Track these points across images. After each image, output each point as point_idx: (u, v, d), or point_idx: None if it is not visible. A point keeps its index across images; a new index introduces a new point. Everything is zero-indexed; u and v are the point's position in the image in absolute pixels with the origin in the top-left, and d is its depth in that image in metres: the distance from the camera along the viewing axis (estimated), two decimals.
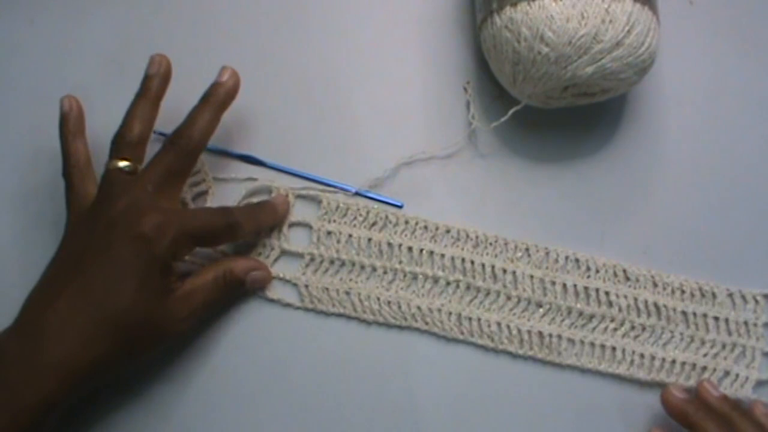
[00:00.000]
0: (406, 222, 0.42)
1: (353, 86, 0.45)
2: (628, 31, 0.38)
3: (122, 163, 0.38)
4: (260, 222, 0.41)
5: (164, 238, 0.35)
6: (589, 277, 0.42)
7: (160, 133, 0.42)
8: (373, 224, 0.42)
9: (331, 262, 0.42)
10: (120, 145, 0.38)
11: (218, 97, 0.39)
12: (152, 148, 0.39)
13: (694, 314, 0.42)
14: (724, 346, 0.41)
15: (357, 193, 0.43)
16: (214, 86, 0.40)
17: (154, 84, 0.39)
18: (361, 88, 0.45)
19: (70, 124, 0.40)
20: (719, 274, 0.42)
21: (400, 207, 0.43)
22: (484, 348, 0.41)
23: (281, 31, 0.46)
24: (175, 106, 0.40)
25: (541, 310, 0.41)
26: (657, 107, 0.45)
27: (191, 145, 0.38)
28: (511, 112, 0.41)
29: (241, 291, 0.41)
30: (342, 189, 0.43)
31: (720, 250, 0.43)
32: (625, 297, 0.42)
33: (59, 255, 0.37)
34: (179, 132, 0.39)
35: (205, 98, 0.39)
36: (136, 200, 0.36)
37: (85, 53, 0.45)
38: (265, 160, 0.44)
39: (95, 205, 0.37)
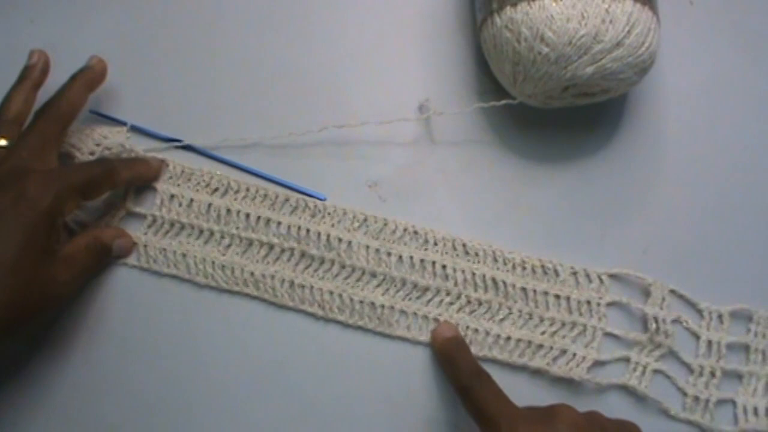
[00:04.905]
0: (247, 189, 0.43)
1: (351, 86, 0.45)
2: (628, 31, 0.37)
3: (1, 141, 0.40)
4: (136, 171, 0.42)
5: (47, 196, 0.37)
6: (426, 249, 0.41)
7: (94, 112, 0.45)
8: (215, 190, 0.43)
9: (172, 224, 0.42)
10: None
11: (86, 76, 0.43)
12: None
13: (534, 291, 0.41)
14: (563, 325, 0.40)
15: (278, 182, 0.43)
16: (83, 70, 0.43)
17: (33, 73, 0.42)
18: (359, 89, 0.45)
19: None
20: (720, 275, 0.41)
21: (322, 200, 0.43)
22: (314, 316, 0.41)
23: (280, 31, 0.47)
24: (177, 105, 0.43)
25: (375, 280, 0.41)
26: (657, 107, 0.45)
27: (58, 113, 0.40)
28: (502, 102, 0.41)
29: (108, 258, 0.42)
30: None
31: (720, 250, 0.42)
32: (463, 271, 0.41)
33: None
34: (47, 103, 0.41)
35: (73, 76, 0.42)
36: (15, 166, 0.38)
37: (85, 54, 0.46)
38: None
39: None
